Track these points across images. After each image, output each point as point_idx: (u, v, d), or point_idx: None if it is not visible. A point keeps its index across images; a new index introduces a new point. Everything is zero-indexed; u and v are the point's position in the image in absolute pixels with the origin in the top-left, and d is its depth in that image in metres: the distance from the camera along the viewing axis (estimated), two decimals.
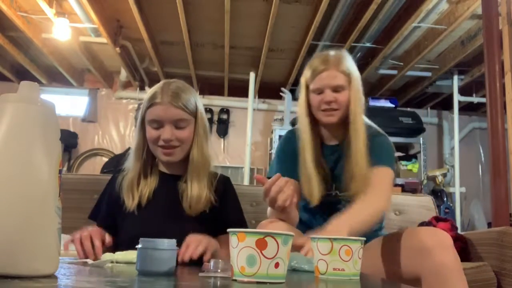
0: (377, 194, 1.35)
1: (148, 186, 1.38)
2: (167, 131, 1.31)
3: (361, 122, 1.46)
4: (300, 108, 1.52)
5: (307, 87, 1.50)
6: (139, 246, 0.85)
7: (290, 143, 1.54)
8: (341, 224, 1.17)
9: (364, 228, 1.24)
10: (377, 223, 1.40)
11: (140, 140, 1.39)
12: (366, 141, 1.44)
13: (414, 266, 1.17)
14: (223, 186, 1.44)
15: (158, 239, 0.85)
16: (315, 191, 1.44)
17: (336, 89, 1.45)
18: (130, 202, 1.34)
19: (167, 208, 1.36)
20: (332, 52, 1.50)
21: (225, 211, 1.42)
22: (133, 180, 1.37)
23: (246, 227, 1.47)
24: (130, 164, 1.40)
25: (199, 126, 1.38)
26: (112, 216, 1.40)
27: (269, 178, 1.46)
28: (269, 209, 1.46)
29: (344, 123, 1.48)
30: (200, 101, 1.42)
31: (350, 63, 1.49)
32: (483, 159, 5.50)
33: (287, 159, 1.54)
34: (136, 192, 1.36)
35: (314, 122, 1.52)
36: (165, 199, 1.38)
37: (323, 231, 1.13)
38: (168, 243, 0.86)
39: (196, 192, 1.33)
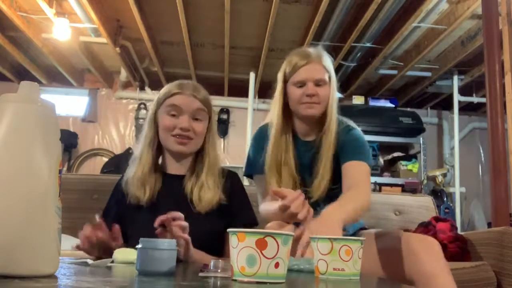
0: (361, 191, 1.36)
1: (157, 183, 1.37)
2: (185, 120, 1.31)
3: (334, 122, 1.48)
4: (274, 103, 1.53)
5: (285, 81, 1.51)
6: (139, 246, 0.85)
7: (262, 139, 1.56)
8: (336, 215, 1.17)
9: (351, 222, 1.29)
10: (360, 218, 1.43)
11: (153, 135, 1.38)
12: (334, 141, 1.46)
13: (405, 271, 1.20)
14: (231, 182, 1.43)
15: (158, 239, 0.85)
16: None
17: (318, 83, 1.46)
18: (143, 195, 1.32)
19: (177, 206, 1.34)
20: (311, 49, 1.52)
21: (235, 209, 1.40)
22: (145, 174, 1.35)
23: (256, 223, 1.44)
24: (143, 158, 1.37)
25: (213, 124, 1.40)
26: (120, 216, 1.37)
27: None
28: (264, 208, 1.47)
29: (321, 119, 1.50)
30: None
31: (330, 61, 1.51)
32: (483, 159, 5.50)
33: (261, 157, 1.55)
34: (148, 186, 1.34)
35: (289, 117, 1.53)
36: (173, 197, 1.36)
37: (319, 219, 1.13)
38: (168, 243, 0.86)
39: (209, 188, 1.32)
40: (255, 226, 1.41)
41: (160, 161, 1.45)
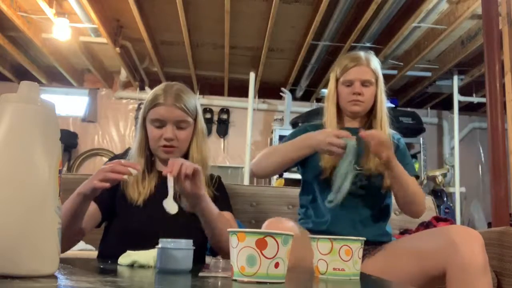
0: (421, 194, 1.57)
1: (151, 183, 1.41)
2: (169, 131, 1.37)
3: (385, 118, 1.63)
4: (328, 98, 1.67)
5: (337, 80, 1.65)
6: (159, 246, 0.92)
7: (303, 131, 1.65)
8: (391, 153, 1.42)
9: (399, 180, 1.45)
10: (405, 201, 1.54)
11: (142, 138, 1.44)
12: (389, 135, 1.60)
13: (441, 262, 1.22)
14: (217, 185, 1.50)
15: (176, 240, 0.93)
16: (328, 162, 1.54)
17: (364, 83, 1.59)
18: (137, 196, 1.37)
19: None
20: (362, 52, 1.66)
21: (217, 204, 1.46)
22: (138, 178, 1.40)
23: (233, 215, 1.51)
24: (134, 161, 1.41)
25: (198, 127, 1.45)
26: (111, 206, 1.40)
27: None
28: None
29: (367, 114, 1.65)
30: (199, 104, 1.48)
31: (378, 65, 1.65)
32: (483, 159, 5.50)
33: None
34: (141, 187, 1.39)
35: (339, 112, 1.67)
36: (164, 196, 1.39)
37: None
38: (185, 243, 0.94)
39: None
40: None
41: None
